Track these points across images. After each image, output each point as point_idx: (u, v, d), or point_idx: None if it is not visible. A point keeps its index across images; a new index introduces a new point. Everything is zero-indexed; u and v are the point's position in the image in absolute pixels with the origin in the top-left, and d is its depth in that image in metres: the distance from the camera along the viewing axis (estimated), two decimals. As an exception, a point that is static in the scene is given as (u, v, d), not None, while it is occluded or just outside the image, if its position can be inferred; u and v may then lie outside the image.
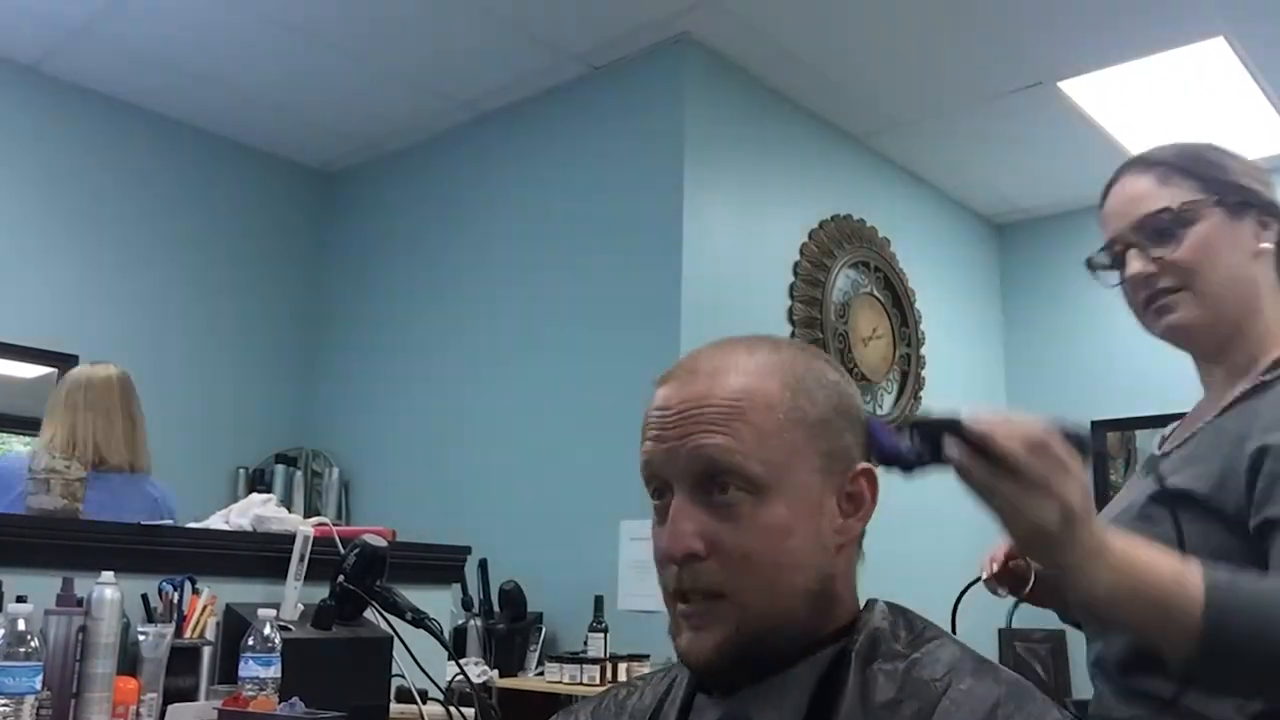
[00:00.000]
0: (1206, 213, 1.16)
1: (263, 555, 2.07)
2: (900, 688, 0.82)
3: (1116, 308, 1.32)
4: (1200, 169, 1.19)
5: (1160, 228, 1.17)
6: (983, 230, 5.40)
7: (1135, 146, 4.46)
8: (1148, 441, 5.30)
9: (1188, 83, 3.99)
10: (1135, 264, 1.18)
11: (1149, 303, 1.20)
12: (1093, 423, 4.96)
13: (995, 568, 1.29)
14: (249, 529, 2.18)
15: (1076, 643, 4.93)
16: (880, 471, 0.93)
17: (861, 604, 0.93)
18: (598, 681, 3.16)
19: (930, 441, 0.90)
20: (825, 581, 0.88)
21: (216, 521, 2.25)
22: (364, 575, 1.92)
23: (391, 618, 1.95)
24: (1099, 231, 1.27)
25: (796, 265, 4.14)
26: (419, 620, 1.88)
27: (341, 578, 1.92)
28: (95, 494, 2.35)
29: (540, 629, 3.60)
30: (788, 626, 0.87)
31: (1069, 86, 4.06)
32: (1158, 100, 4.15)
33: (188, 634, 1.84)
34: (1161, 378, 4.79)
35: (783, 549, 0.86)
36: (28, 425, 4.18)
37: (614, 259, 3.86)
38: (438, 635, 1.91)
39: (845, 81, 4.09)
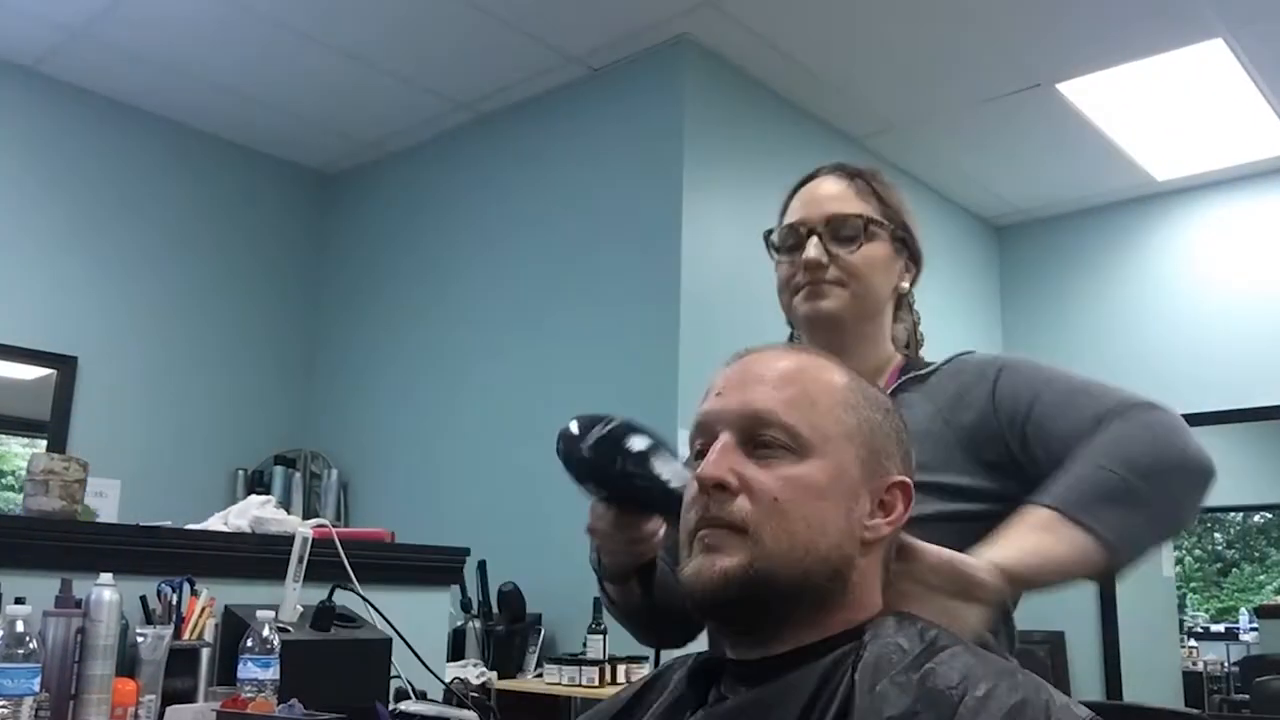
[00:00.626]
0: (883, 236, 1.33)
1: (261, 557, 2.07)
2: (915, 699, 0.81)
3: (1115, 310, 1.34)
4: (887, 197, 1.35)
5: (846, 231, 1.30)
6: (981, 232, 5.41)
7: (1134, 148, 4.49)
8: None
9: (1186, 84, 3.99)
10: (813, 250, 1.30)
11: (808, 286, 1.31)
12: (1092, 424, 4.96)
13: None
14: (247, 530, 2.18)
15: (1076, 643, 4.96)
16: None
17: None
18: (596, 683, 3.16)
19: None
20: (846, 563, 0.89)
21: (215, 523, 2.25)
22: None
23: (390, 621, 1.95)
24: (1098, 232, 1.29)
25: (795, 267, 4.13)
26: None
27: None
28: None
29: (539, 630, 3.59)
30: (801, 587, 0.87)
31: (1067, 88, 4.06)
32: (1156, 102, 4.15)
33: (186, 635, 1.84)
34: (1160, 379, 4.82)
35: (813, 507, 0.88)
36: (28, 427, 4.19)
37: (613, 260, 3.86)
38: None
39: (844, 83, 4.10)
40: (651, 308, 3.68)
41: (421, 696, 2.01)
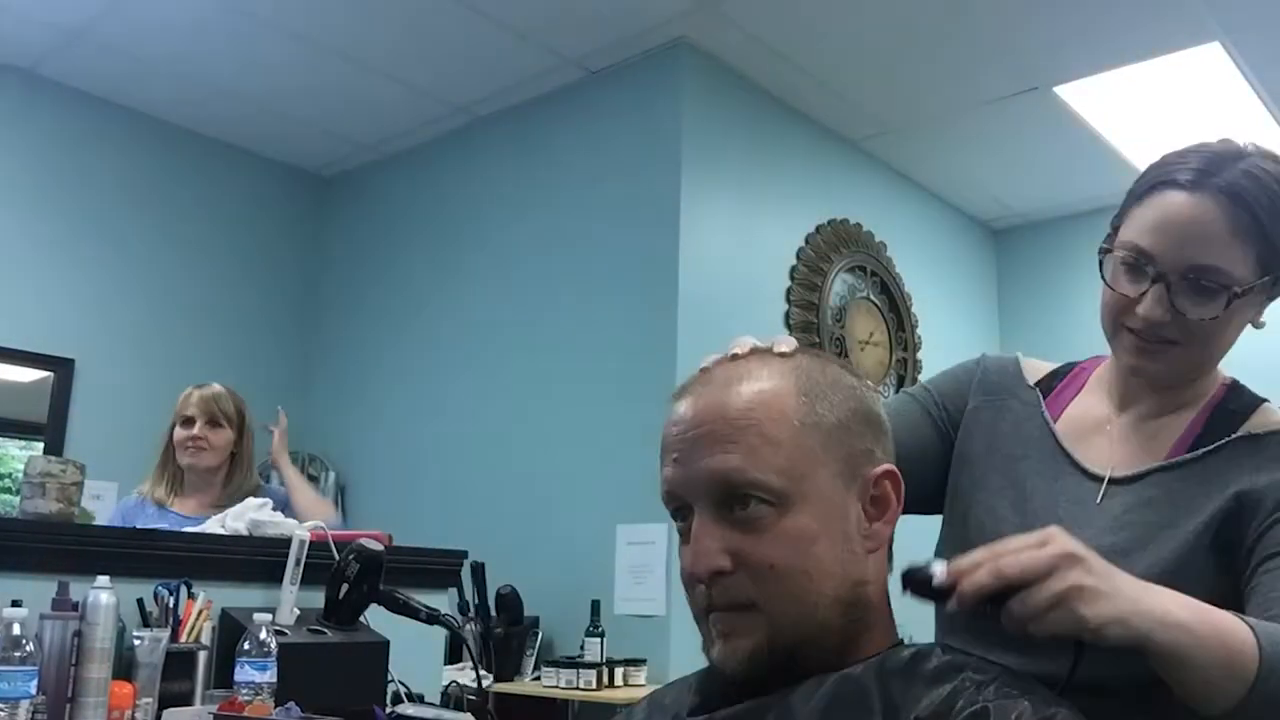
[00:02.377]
0: (1251, 297, 1.08)
1: (258, 559, 2.07)
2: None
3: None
4: (1276, 234, 1.07)
5: (1204, 286, 1.06)
6: (979, 235, 5.41)
7: (1131, 151, 4.49)
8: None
9: (1183, 88, 3.99)
10: (1155, 307, 1.07)
11: (1137, 335, 1.10)
12: (1089, 427, 4.97)
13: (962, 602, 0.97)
14: (245, 533, 2.17)
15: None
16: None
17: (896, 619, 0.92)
18: (594, 686, 3.16)
19: (929, 596, 0.90)
20: (857, 588, 0.88)
21: (213, 526, 2.25)
22: (368, 578, 1.92)
23: (385, 623, 1.95)
24: (1095, 236, 1.23)
25: (793, 270, 4.14)
26: (434, 618, 1.88)
27: (346, 585, 1.92)
28: None
29: (537, 633, 3.59)
30: (822, 636, 0.86)
31: (1065, 91, 4.07)
32: (1153, 105, 4.15)
33: (183, 638, 1.84)
34: (1158, 382, 4.82)
35: (809, 556, 0.85)
36: (25, 429, 4.19)
37: (611, 262, 3.86)
38: (456, 630, 1.91)
39: (842, 86, 4.10)
40: (650, 310, 3.68)
41: (418, 699, 2.01)
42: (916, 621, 1.15)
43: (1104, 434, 1.17)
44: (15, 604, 1.52)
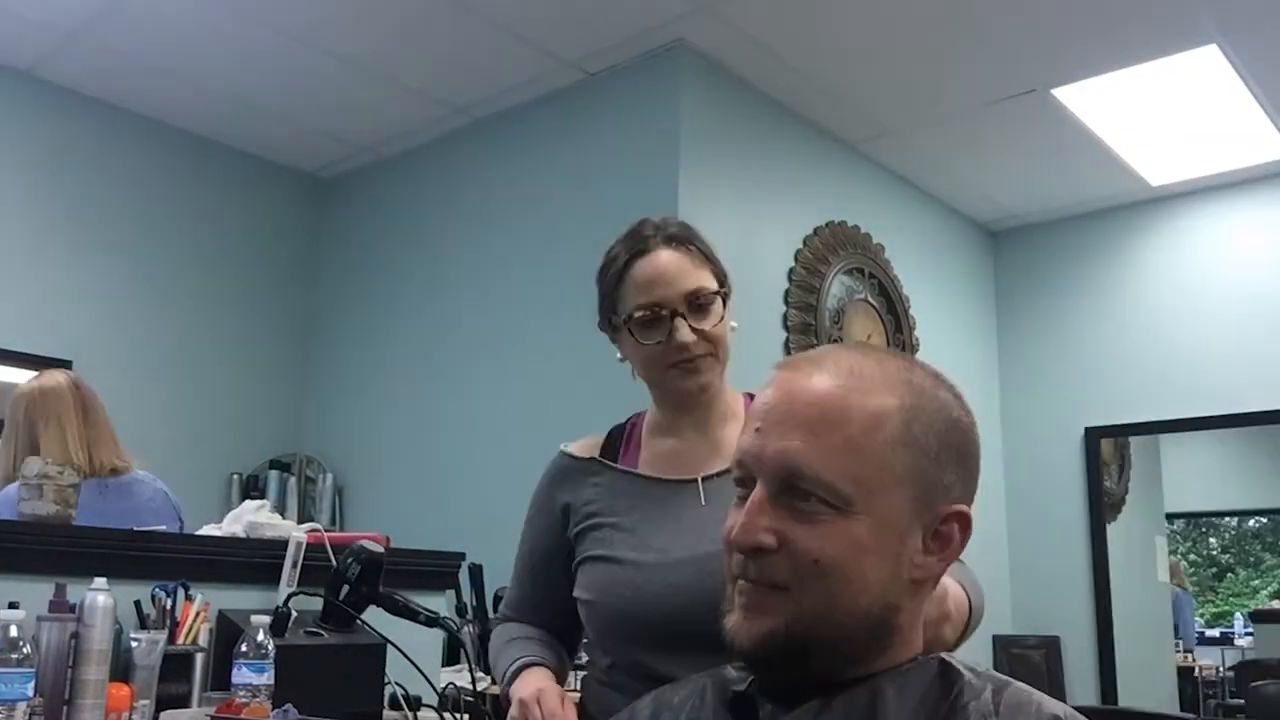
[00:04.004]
0: (725, 298, 1.45)
1: (256, 561, 2.07)
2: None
3: (1110, 315, 1.33)
4: (713, 257, 1.47)
5: (703, 303, 1.41)
6: (977, 237, 5.42)
7: (1129, 153, 4.50)
8: (1142, 447, 5.31)
9: (1181, 90, 4.00)
10: (686, 333, 1.39)
11: (683, 365, 1.40)
12: (1086, 429, 4.98)
13: None
14: (242, 535, 2.17)
15: (1071, 647, 4.96)
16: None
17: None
18: (592, 688, 3.15)
19: None
20: (889, 611, 0.86)
21: (211, 530, 2.25)
22: (367, 580, 1.92)
23: (383, 625, 1.94)
24: (1093, 238, 1.26)
25: (791, 272, 4.14)
26: (433, 620, 1.88)
27: (346, 586, 1.92)
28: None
29: (535, 635, 3.58)
30: (840, 642, 0.85)
31: (1063, 94, 4.07)
32: (1151, 107, 4.16)
33: (180, 640, 1.84)
34: (1154, 383, 4.83)
35: (854, 566, 0.84)
36: (21, 431, 4.18)
37: (609, 265, 3.85)
38: (454, 633, 1.91)
39: (840, 89, 4.10)
40: (647, 312, 3.68)
41: (416, 701, 2.01)
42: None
43: (681, 457, 1.46)
44: (12, 606, 1.52)
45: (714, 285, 1.43)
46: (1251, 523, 7.37)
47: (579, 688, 1.58)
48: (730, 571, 0.89)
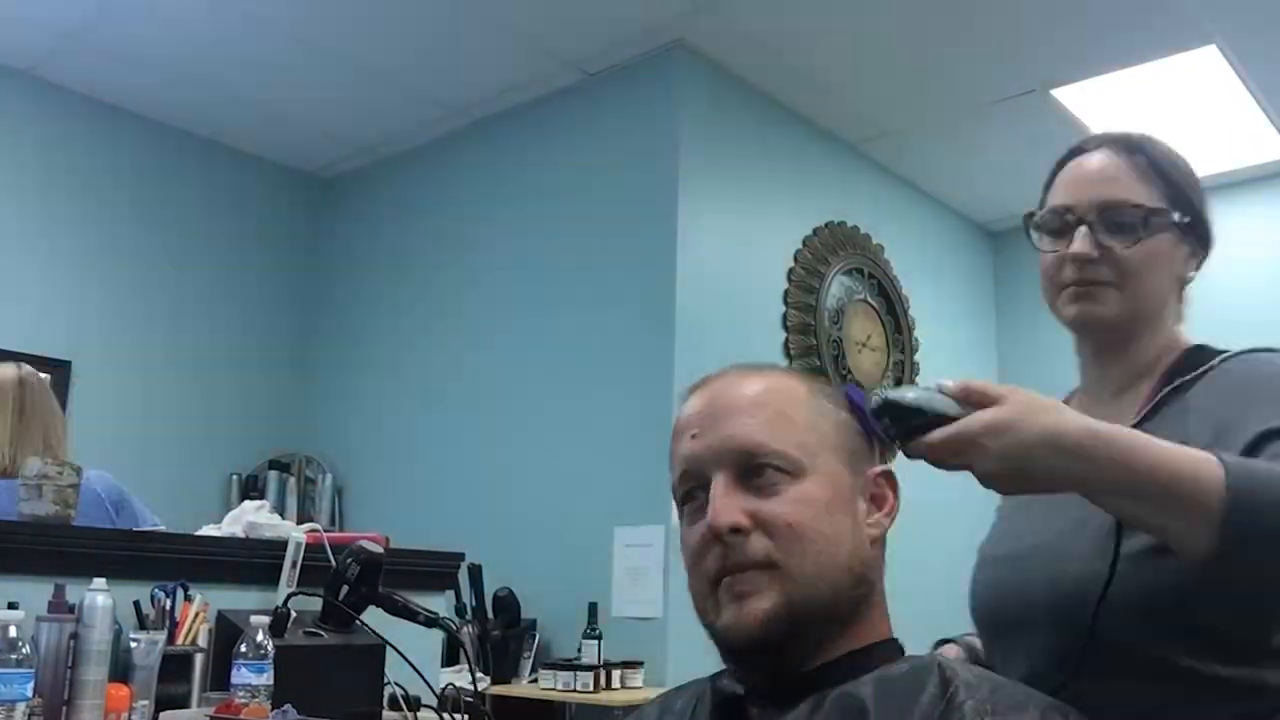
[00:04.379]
0: (1168, 227, 1.15)
1: (255, 562, 2.07)
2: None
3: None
4: (1177, 179, 1.19)
5: (1125, 221, 1.14)
6: (977, 237, 5.42)
7: (1128, 154, 4.50)
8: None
9: (1180, 90, 4.00)
10: (1083, 243, 1.13)
11: (1075, 285, 1.15)
12: (1086, 429, 4.97)
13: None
14: (241, 535, 2.17)
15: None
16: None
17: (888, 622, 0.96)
18: (591, 689, 3.16)
19: (900, 426, 0.93)
20: (866, 566, 0.92)
21: (210, 531, 2.24)
22: (367, 581, 1.92)
23: (382, 625, 1.94)
24: None
25: (791, 272, 4.14)
26: (433, 621, 1.88)
27: (346, 587, 1.92)
28: None
29: (534, 636, 3.59)
30: (835, 603, 0.89)
31: (1062, 94, 4.07)
32: (1150, 107, 4.16)
33: (180, 641, 1.84)
34: (1155, 384, 4.82)
35: (825, 520, 0.90)
36: (20, 431, 4.18)
37: (609, 265, 3.86)
38: (454, 633, 1.91)
39: (840, 89, 4.10)
40: (647, 312, 3.68)
41: (415, 702, 2.01)
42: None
43: None
44: (11, 606, 1.52)
45: (1146, 201, 1.14)
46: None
47: None
48: (710, 574, 0.91)
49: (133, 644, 1.73)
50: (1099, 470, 0.87)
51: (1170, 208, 1.16)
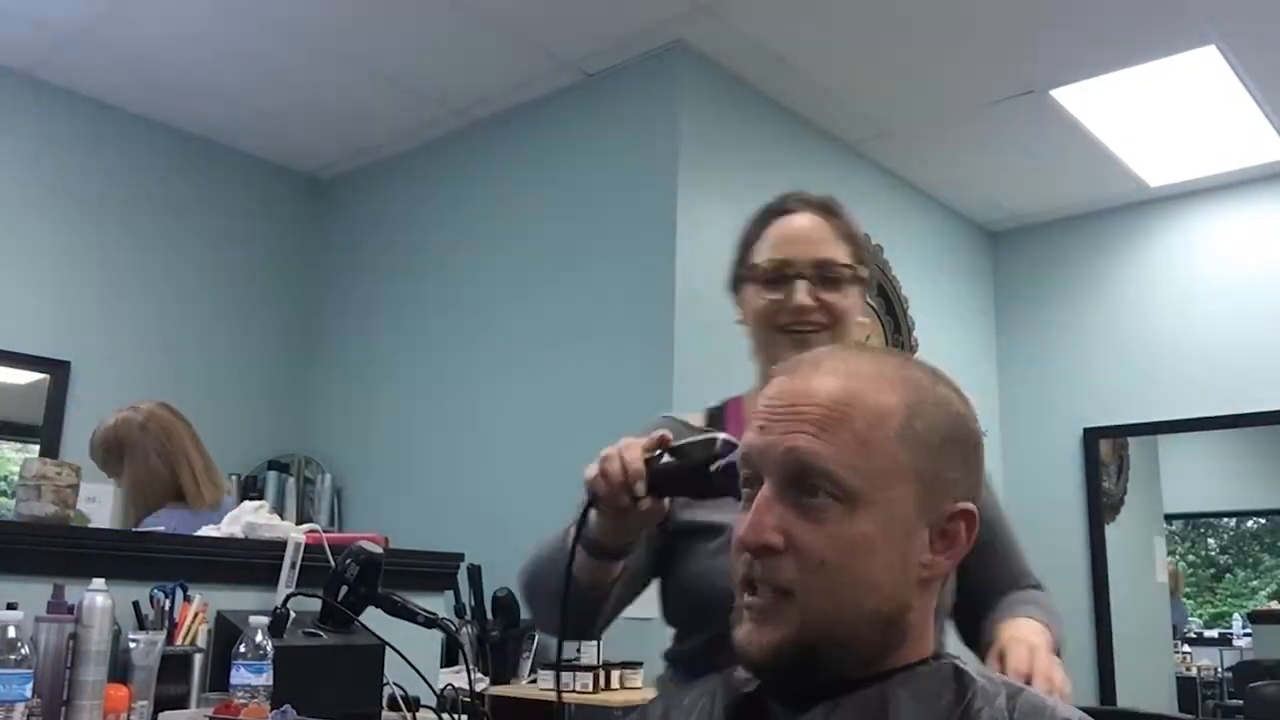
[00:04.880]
0: (859, 280, 1.42)
1: (254, 562, 2.07)
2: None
3: (1109, 315, 1.33)
4: (859, 241, 1.45)
5: (834, 275, 1.39)
6: (976, 237, 5.42)
7: (1127, 154, 4.50)
8: (1140, 448, 5.31)
9: (1179, 91, 4.00)
10: (803, 295, 1.37)
11: (795, 330, 1.37)
12: (1085, 430, 4.98)
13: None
14: (240, 536, 2.17)
15: (1069, 649, 4.94)
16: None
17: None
18: (590, 689, 3.16)
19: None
20: (900, 610, 0.85)
21: (209, 532, 2.24)
22: (366, 581, 1.92)
23: (381, 625, 1.94)
24: (1092, 239, 1.28)
25: (790, 272, 4.13)
26: (432, 621, 1.88)
27: (345, 587, 1.92)
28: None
29: (533, 637, 3.59)
30: (851, 643, 0.84)
31: (1061, 95, 4.08)
32: (1150, 108, 4.16)
33: (179, 641, 1.83)
34: (1152, 384, 4.83)
35: (861, 566, 0.83)
36: (20, 432, 4.18)
37: (608, 265, 3.86)
38: (453, 634, 1.91)
39: (839, 89, 4.10)
40: (646, 313, 3.68)
41: (415, 702, 2.00)
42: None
43: None
44: (10, 607, 1.51)
45: (848, 260, 1.41)
46: (1250, 523, 7.38)
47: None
48: (737, 577, 0.87)
49: (132, 644, 1.73)
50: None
51: (857, 264, 1.42)
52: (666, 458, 1.10)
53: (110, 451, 2.87)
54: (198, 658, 1.84)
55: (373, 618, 1.96)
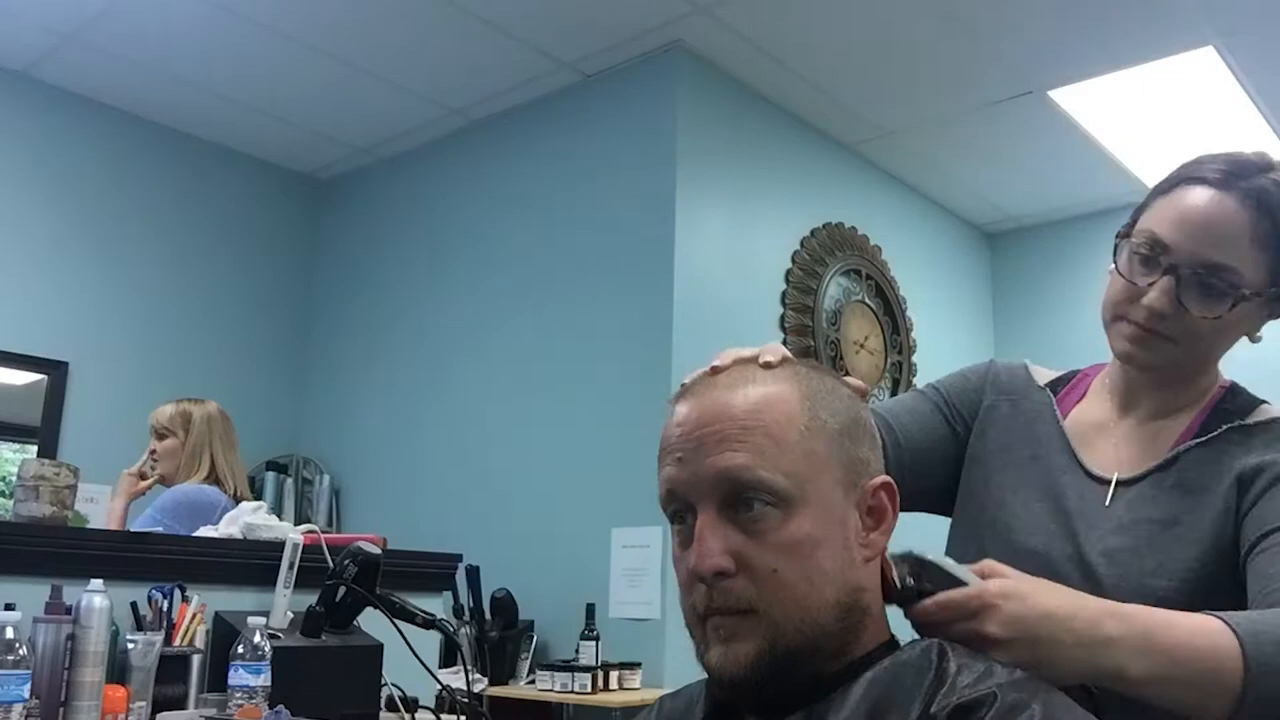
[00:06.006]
0: (1256, 301, 1.08)
1: (252, 563, 2.07)
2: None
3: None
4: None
5: (1214, 285, 1.06)
6: (973, 238, 5.42)
7: (1125, 155, 4.50)
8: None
9: (1177, 92, 4.01)
10: (1161, 297, 1.07)
11: (1135, 326, 1.10)
12: (1083, 430, 4.98)
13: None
14: (239, 536, 2.17)
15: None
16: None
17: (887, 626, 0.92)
18: (589, 690, 3.16)
19: (917, 580, 0.93)
20: (855, 594, 0.88)
21: (207, 533, 2.24)
22: (364, 582, 1.92)
23: (380, 626, 1.94)
24: (1089, 239, 1.24)
25: (788, 273, 4.14)
26: (430, 622, 1.88)
27: (342, 588, 1.92)
28: None
29: (532, 637, 3.59)
30: (821, 641, 0.86)
31: (1059, 95, 4.08)
32: (1148, 109, 4.17)
33: (177, 642, 1.83)
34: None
35: (811, 563, 0.85)
36: (18, 432, 4.18)
37: (606, 265, 3.86)
38: (451, 635, 1.91)
39: (837, 90, 4.10)
40: (644, 313, 3.68)
41: (413, 703, 2.00)
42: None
43: (1107, 437, 1.18)
44: (8, 607, 1.52)
45: (1243, 274, 1.06)
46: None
47: None
48: (697, 611, 0.88)
49: (130, 645, 1.73)
50: (1114, 651, 0.88)
51: (1270, 282, 1.08)
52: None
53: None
54: (196, 658, 1.84)
55: (371, 618, 1.96)
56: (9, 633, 1.49)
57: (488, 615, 3.54)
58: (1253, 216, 1.06)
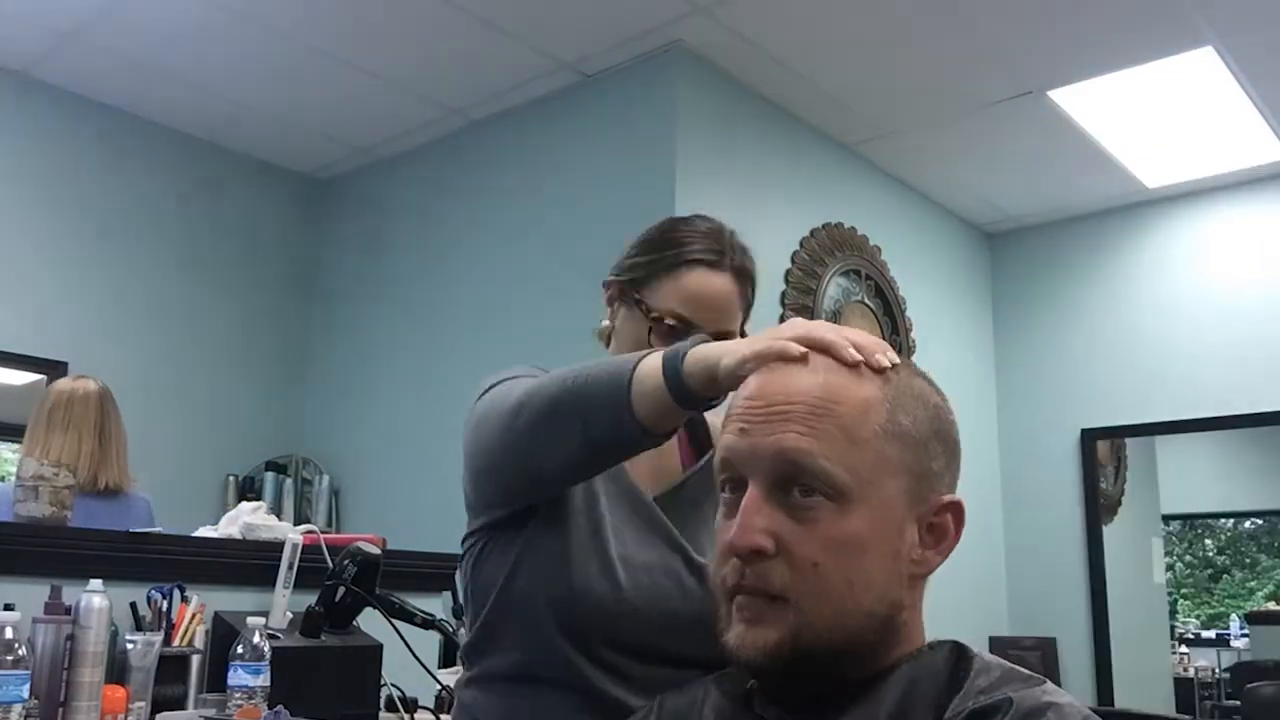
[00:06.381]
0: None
1: (251, 563, 2.07)
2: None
3: (1106, 317, 1.32)
4: (750, 305, 1.48)
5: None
6: (973, 239, 5.42)
7: (1125, 155, 4.50)
8: (1138, 449, 5.32)
9: (1177, 92, 4.01)
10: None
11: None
12: (1083, 431, 4.98)
13: None
14: (238, 537, 2.17)
15: (1067, 648, 4.96)
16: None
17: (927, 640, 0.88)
18: (588, 689, 3.15)
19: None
20: (894, 609, 0.84)
21: (206, 533, 2.24)
22: (364, 582, 1.92)
23: (378, 626, 1.94)
24: (1089, 240, 1.26)
25: (788, 273, 4.14)
26: (430, 622, 1.88)
27: (341, 588, 1.92)
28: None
29: (531, 637, 3.58)
30: (848, 646, 0.83)
31: (1059, 96, 4.08)
32: (1147, 109, 4.17)
33: (176, 642, 1.84)
34: (1150, 385, 4.83)
35: (855, 566, 0.82)
36: (17, 432, 4.17)
37: (607, 265, 3.84)
38: (451, 635, 1.91)
39: (836, 90, 4.10)
40: (644, 314, 3.68)
41: (413, 703, 2.01)
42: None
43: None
44: (8, 607, 1.52)
45: (736, 328, 1.42)
46: (1248, 524, 7.38)
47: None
48: (727, 586, 0.85)
49: (129, 645, 1.73)
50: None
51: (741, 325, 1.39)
52: None
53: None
54: (195, 659, 1.84)
55: (370, 618, 1.96)
56: (8, 633, 1.49)
57: (487, 615, 3.53)
58: (739, 288, 1.50)
